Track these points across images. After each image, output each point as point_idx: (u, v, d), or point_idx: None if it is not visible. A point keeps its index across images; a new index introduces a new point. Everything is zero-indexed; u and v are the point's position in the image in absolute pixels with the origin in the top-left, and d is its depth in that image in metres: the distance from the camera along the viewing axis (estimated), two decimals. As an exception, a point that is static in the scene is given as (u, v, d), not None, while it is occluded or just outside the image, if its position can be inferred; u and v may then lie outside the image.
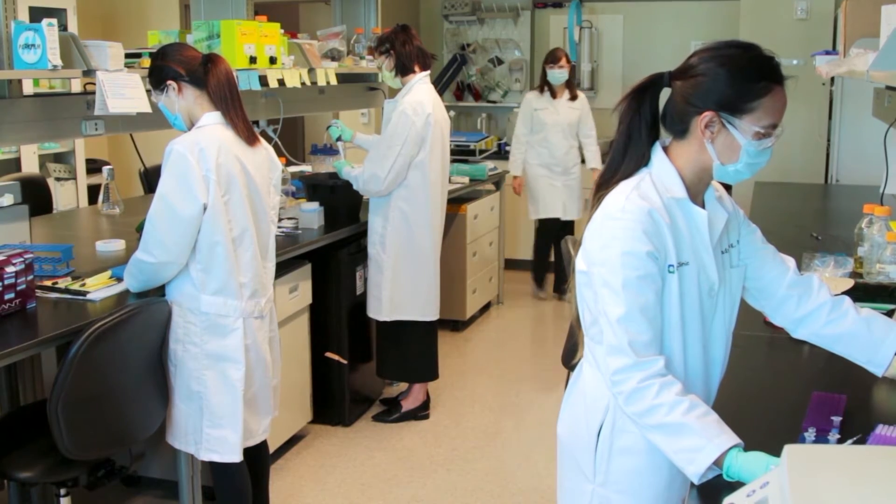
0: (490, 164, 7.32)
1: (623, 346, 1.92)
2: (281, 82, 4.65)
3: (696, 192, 2.06)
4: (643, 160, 2.05)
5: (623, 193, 1.99)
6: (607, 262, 1.96)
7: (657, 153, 2.05)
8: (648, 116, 2.05)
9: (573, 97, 7.20)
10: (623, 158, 2.07)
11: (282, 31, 4.71)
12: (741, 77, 1.93)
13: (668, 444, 1.90)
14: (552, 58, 7.06)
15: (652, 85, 2.05)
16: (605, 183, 2.07)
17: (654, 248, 1.94)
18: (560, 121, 7.17)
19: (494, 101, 8.93)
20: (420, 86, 4.73)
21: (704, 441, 1.84)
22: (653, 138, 2.07)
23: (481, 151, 8.23)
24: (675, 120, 2.02)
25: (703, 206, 2.08)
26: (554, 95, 7.17)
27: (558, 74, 7.06)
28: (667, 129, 2.06)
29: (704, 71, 1.96)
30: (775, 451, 1.54)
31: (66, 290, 3.33)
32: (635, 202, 1.96)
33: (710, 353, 2.11)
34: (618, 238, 1.95)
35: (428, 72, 4.83)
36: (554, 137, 7.19)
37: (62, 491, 3.14)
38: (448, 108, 5.34)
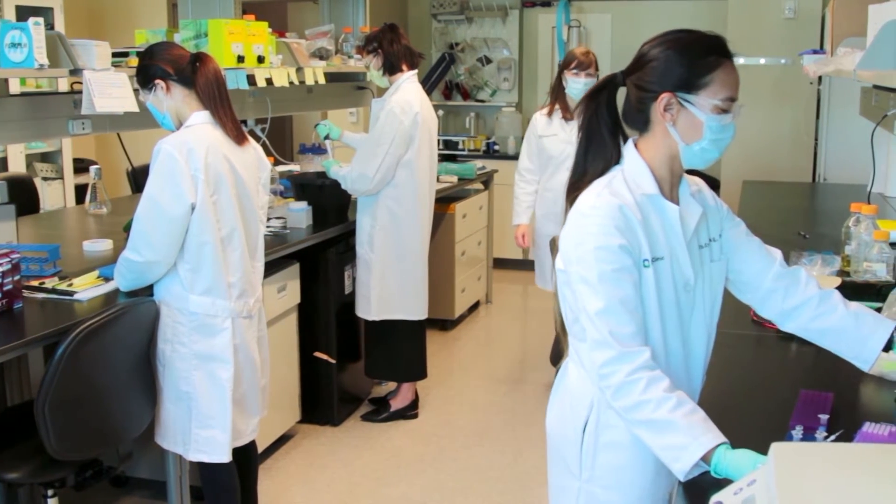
0: (478, 163, 7.30)
1: (606, 339, 1.93)
2: (269, 81, 4.64)
3: (670, 186, 2.08)
4: (612, 159, 2.08)
5: (595, 192, 2.02)
6: (582, 259, 1.98)
7: (629, 150, 2.08)
8: (607, 117, 2.08)
9: None
10: (585, 161, 2.11)
11: (270, 30, 4.69)
12: (690, 54, 1.97)
13: (655, 440, 1.91)
14: (578, 62, 5.03)
15: (606, 87, 2.09)
16: (574, 186, 2.11)
17: (626, 242, 1.96)
18: (573, 153, 5.24)
19: (483, 101, 8.93)
20: (408, 85, 4.73)
21: (690, 439, 1.84)
22: (619, 137, 2.09)
23: (470, 150, 8.23)
24: (634, 113, 2.05)
25: (677, 201, 2.09)
26: (569, 116, 5.11)
27: (584, 86, 5.00)
28: (630, 126, 2.08)
29: (654, 56, 2.00)
30: (763, 449, 1.55)
31: (53, 291, 3.31)
32: (606, 199, 1.98)
33: (690, 349, 2.12)
34: (591, 234, 1.97)
35: (415, 71, 4.83)
36: (564, 177, 5.04)
37: (50, 492, 3.12)
38: (436, 108, 5.34)
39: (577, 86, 5.00)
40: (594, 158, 2.09)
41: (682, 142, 2.00)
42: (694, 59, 1.96)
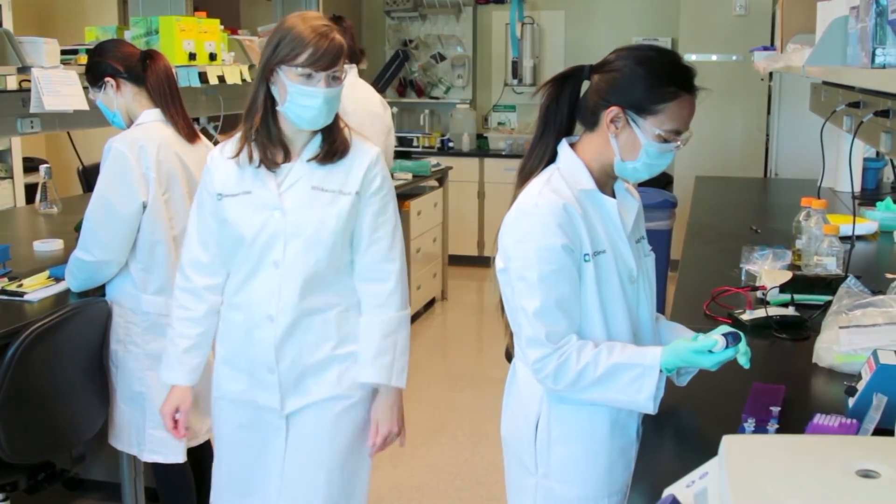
0: (433, 160, 7.31)
1: (540, 339, 1.98)
2: (221, 79, 4.60)
3: (605, 184, 2.12)
4: (549, 155, 2.10)
5: (535, 190, 2.04)
6: (523, 257, 2.01)
7: (563, 149, 2.10)
8: (565, 107, 2.10)
9: (334, 151, 2.45)
10: (535, 148, 2.13)
11: (222, 27, 4.66)
12: (652, 79, 1.99)
13: (611, 392, 1.97)
14: (314, 48, 2.26)
15: (572, 75, 2.10)
16: (525, 172, 2.12)
17: (569, 241, 1.99)
18: (283, 227, 2.44)
19: (437, 98, 8.94)
20: (350, 80, 4.70)
21: (639, 369, 1.95)
22: (563, 132, 2.11)
23: (424, 147, 8.24)
24: (587, 111, 2.07)
25: (613, 195, 2.13)
26: (282, 155, 2.43)
27: (324, 101, 2.31)
28: (579, 120, 2.11)
29: (620, 68, 2.02)
30: (715, 443, 1.56)
31: (3, 291, 3.27)
32: (548, 197, 2.01)
33: (640, 340, 2.15)
34: (533, 233, 2.00)
35: (355, 66, 4.82)
36: (262, 284, 2.48)
37: (1, 496, 3.08)
38: (391, 105, 5.32)
39: (311, 102, 2.31)
40: (542, 148, 2.11)
41: (619, 156, 2.04)
42: (654, 84, 1.98)
